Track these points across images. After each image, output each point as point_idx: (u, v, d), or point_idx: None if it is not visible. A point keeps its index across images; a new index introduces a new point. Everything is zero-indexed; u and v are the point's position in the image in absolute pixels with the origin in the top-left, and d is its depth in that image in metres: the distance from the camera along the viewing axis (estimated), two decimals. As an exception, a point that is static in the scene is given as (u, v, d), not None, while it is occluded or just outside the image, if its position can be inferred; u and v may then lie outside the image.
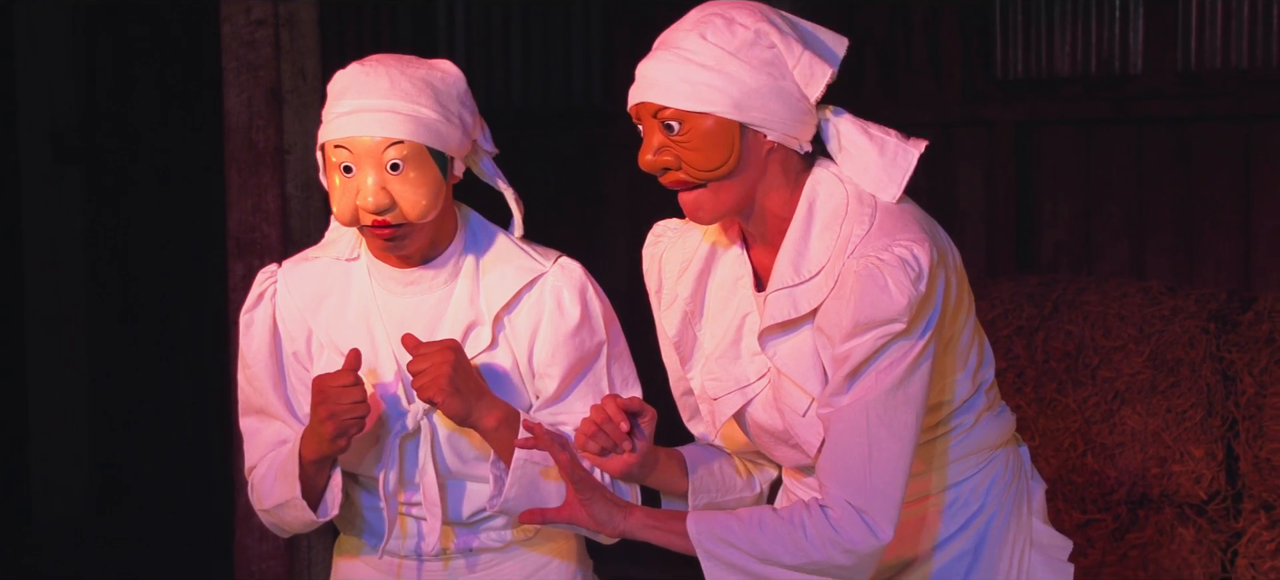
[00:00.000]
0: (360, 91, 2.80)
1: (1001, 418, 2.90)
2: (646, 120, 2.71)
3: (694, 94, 2.67)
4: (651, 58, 2.71)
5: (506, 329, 2.92)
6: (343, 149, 2.79)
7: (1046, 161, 6.40)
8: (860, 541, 2.63)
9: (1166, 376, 4.96)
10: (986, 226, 6.47)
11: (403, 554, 2.98)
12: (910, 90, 6.61)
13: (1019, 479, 2.92)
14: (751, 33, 2.70)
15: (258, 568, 4.97)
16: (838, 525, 2.63)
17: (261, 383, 2.97)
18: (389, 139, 2.78)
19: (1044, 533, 2.93)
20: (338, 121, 2.81)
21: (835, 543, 2.63)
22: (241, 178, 4.89)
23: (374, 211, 2.78)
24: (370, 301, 2.93)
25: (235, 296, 4.84)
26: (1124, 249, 6.28)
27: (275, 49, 4.82)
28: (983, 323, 5.22)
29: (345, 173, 2.80)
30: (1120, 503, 4.94)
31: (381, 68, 2.83)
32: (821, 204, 2.73)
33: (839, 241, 2.68)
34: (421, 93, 2.81)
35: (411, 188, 2.79)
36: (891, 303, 2.60)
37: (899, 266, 2.61)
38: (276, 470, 2.93)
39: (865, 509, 2.63)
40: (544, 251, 2.97)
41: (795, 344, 2.73)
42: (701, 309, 2.88)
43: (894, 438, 2.64)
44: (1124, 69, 6.33)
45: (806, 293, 2.69)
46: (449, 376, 2.77)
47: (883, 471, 2.63)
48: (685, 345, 2.89)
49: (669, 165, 2.70)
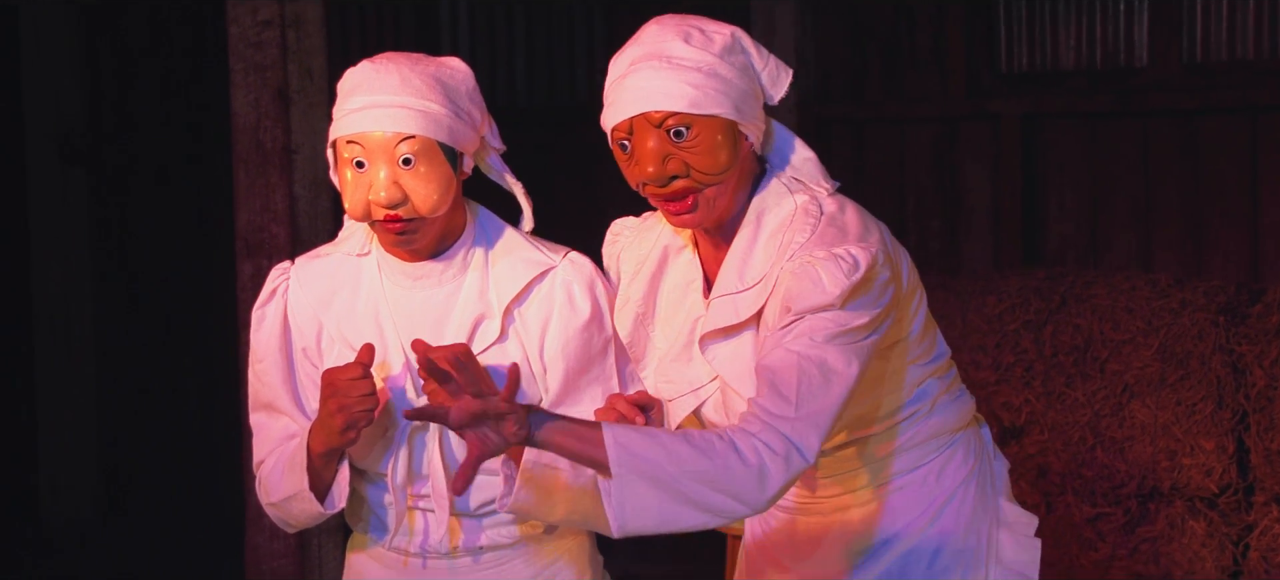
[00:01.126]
0: (372, 88, 2.82)
1: (960, 401, 2.94)
2: (643, 133, 2.72)
3: (702, 98, 2.70)
4: (639, 71, 2.72)
5: (516, 322, 2.93)
6: (355, 144, 2.81)
7: (1052, 155, 6.40)
8: (779, 472, 2.57)
9: (1176, 369, 4.96)
10: (992, 220, 6.47)
11: (410, 551, 2.99)
12: (915, 84, 6.61)
13: (981, 460, 2.95)
14: (728, 37, 2.76)
15: (269, 567, 4.97)
16: (763, 452, 2.57)
17: (271, 377, 2.98)
18: (401, 134, 2.80)
19: (1010, 511, 2.96)
20: (350, 117, 2.82)
21: (758, 472, 2.57)
22: (249, 178, 4.90)
23: (386, 206, 2.80)
24: (380, 296, 2.94)
25: (243, 296, 4.85)
26: (1131, 242, 6.27)
27: (282, 49, 4.83)
28: (990, 316, 5.25)
29: (357, 168, 2.82)
30: (1130, 496, 4.94)
31: (392, 65, 2.85)
32: (770, 214, 2.77)
33: (780, 249, 2.72)
34: (432, 89, 2.84)
35: (423, 182, 2.81)
36: (824, 294, 2.63)
37: (833, 261, 2.65)
38: (284, 464, 2.94)
39: (790, 431, 2.59)
40: (553, 246, 2.99)
41: (735, 348, 2.77)
42: (654, 311, 2.91)
43: (825, 375, 2.61)
44: (1129, 61, 6.33)
45: (748, 299, 2.73)
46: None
47: (810, 402, 2.60)
48: (638, 346, 2.92)
49: (678, 173, 2.72)
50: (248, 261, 4.90)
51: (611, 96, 2.76)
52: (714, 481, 2.54)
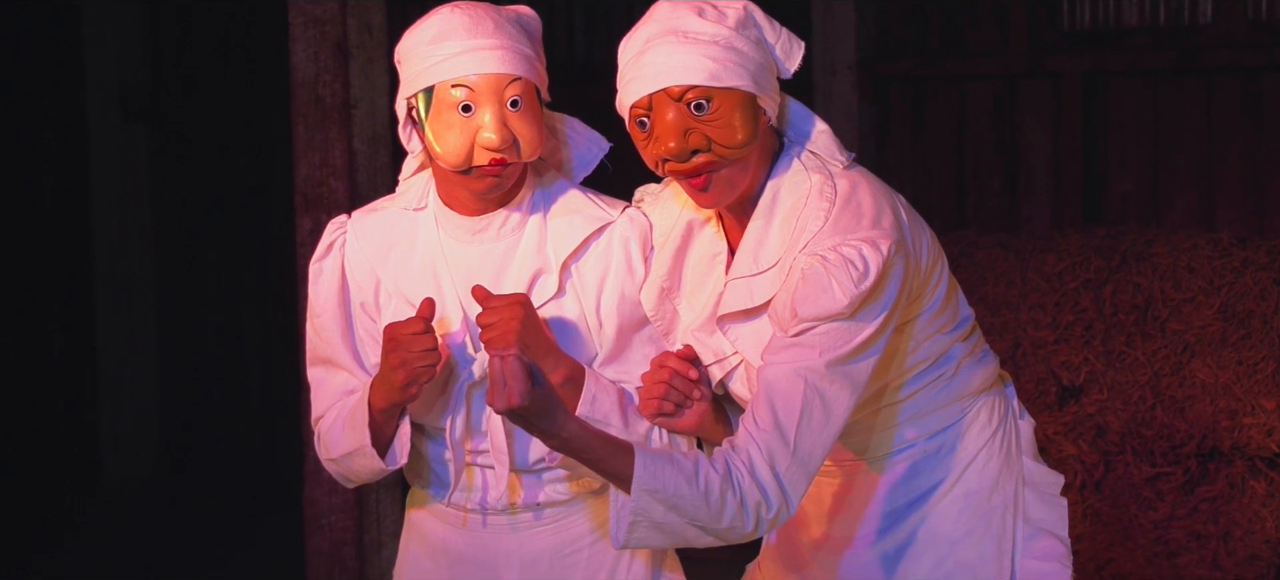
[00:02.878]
0: (471, 32, 2.81)
1: (983, 363, 2.94)
2: (662, 108, 2.72)
3: (722, 71, 2.71)
4: (656, 47, 2.73)
5: (573, 277, 2.93)
6: (462, 87, 2.80)
7: (1114, 113, 6.35)
8: (770, 511, 2.65)
9: (1237, 328, 4.93)
10: (1053, 178, 6.43)
11: (469, 507, 2.99)
12: (976, 41, 6.57)
13: (1006, 420, 2.96)
14: (741, 11, 2.77)
15: (327, 521, 5.00)
16: (759, 506, 2.64)
17: (329, 332, 2.98)
18: (510, 75, 2.80)
19: (1035, 470, 2.97)
20: (453, 61, 2.81)
21: (754, 520, 2.65)
22: (308, 132, 4.91)
23: (497, 149, 2.79)
24: (437, 250, 2.94)
25: (302, 251, 4.87)
26: (1192, 200, 6.23)
27: (341, 3, 4.83)
28: (1050, 275, 5.22)
29: (464, 112, 2.80)
30: (1190, 456, 4.91)
31: (481, 9, 2.86)
32: (785, 194, 2.78)
33: (795, 233, 2.73)
34: (522, 32, 2.86)
35: (528, 125, 2.82)
36: (833, 301, 2.64)
37: (843, 266, 2.65)
38: (345, 419, 2.94)
39: (784, 475, 2.65)
40: (611, 201, 2.98)
41: (755, 330, 2.78)
42: (679, 284, 2.91)
43: (826, 413, 2.66)
44: (1193, 19, 6.27)
45: (761, 284, 2.75)
46: (518, 331, 2.78)
47: (808, 442, 2.65)
48: (664, 319, 2.92)
49: (699, 147, 2.71)
50: (306, 216, 4.92)
51: (628, 75, 2.76)
52: (709, 525, 2.63)
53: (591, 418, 2.83)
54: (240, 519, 7.13)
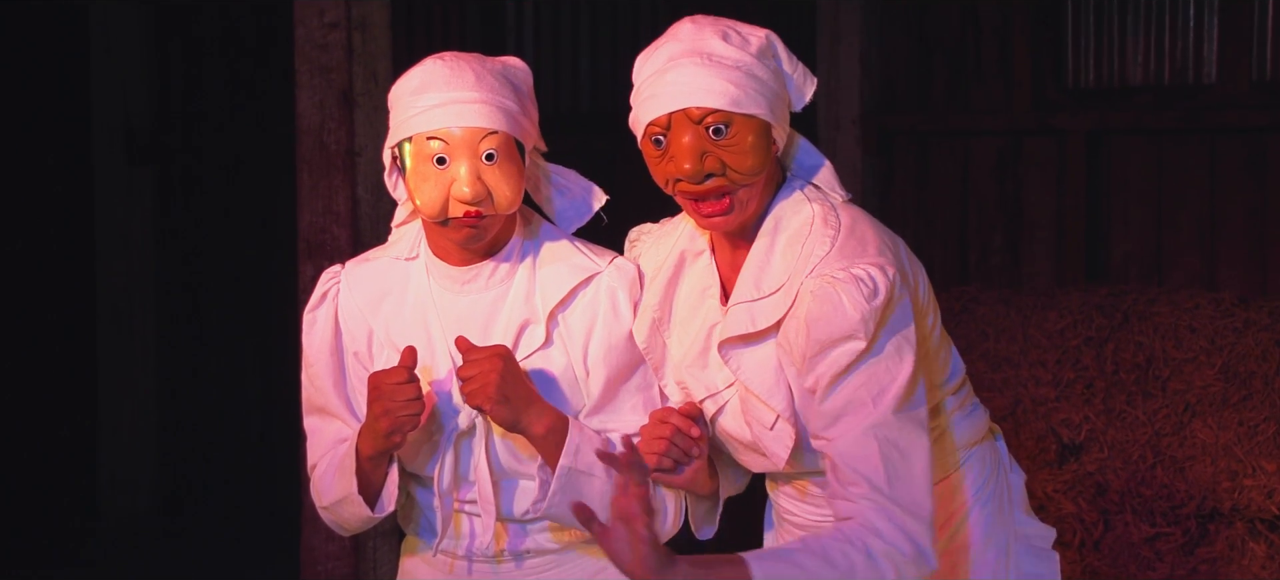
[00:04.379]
0: (449, 84, 2.83)
1: (973, 417, 2.94)
2: (681, 129, 2.71)
3: (744, 97, 2.70)
4: (680, 67, 2.72)
5: (561, 327, 2.93)
6: (437, 140, 2.81)
7: (1117, 171, 6.36)
8: (907, 560, 2.62)
9: (1239, 389, 4.92)
10: (1056, 236, 6.43)
11: (457, 554, 3.00)
12: (980, 98, 6.58)
13: (997, 473, 2.96)
14: (763, 39, 2.78)
15: (323, 568, 4.99)
16: (899, 562, 2.61)
17: (323, 381, 3.00)
18: (485, 129, 2.80)
19: (1027, 523, 2.97)
20: (430, 113, 2.82)
21: (903, 565, 2.62)
22: (313, 179, 4.92)
23: (470, 201, 2.79)
24: (427, 299, 2.95)
25: (304, 297, 4.85)
26: (1195, 260, 6.23)
27: (348, 52, 4.85)
28: (1052, 332, 5.22)
29: (438, 165, 2.81)
30: (1190, 517, 4.90)
31: (463, 62, 2.86)
32: (787, 221, 2.78)
33: (800, 260, 2.72)
34: (504, 86, 2.86)
35: (504, 179, 2.81)
36: (845, 318, 2.63)
37: (853, 284, 2.65)
38: (335, 467, 2.96)
39: (904, 526, 2.62)
40: (600, 251, 2.98)
41: (758, 358, 2.77)
42: (670, 316, 2.90)
43: (906, 459, 2.64)
44: (1197, 78, 6.28)
45: (764, 308, 2.73)
46: (497, 384, 2.79)
47: (905, 492, 2.63)
48: (654, 352, 2.91)
49: (714, 171, 2.71)
50: (309, 263, 4.93)
51: (649, 91, 2.76)
52: None
53: (574, 469, 2.83)
54: (237, 564, 7.11)
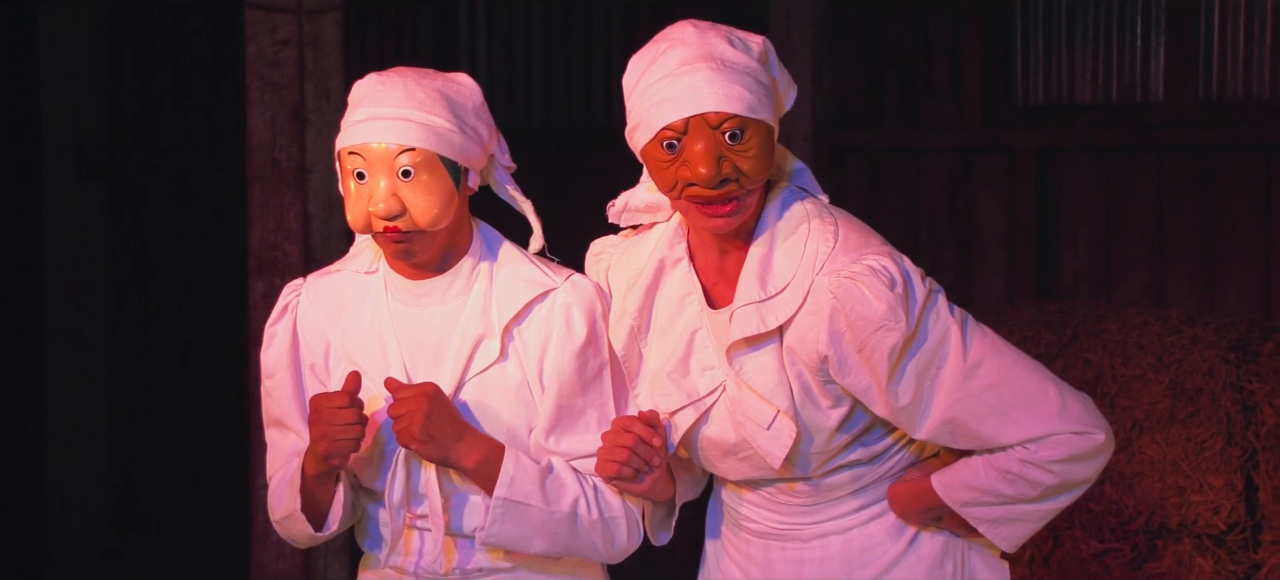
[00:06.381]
0: (376, 100, 2.85)
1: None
2: (697, 134, 2.71)
3: (758, 103, 2.72)
4: (696, 70, 2.71)
5: (516, 342, 2.94)
6: (356, 156, 2.84)
7: (1067, 188, 6.39)
8: (1087, 443, 2.76)
9: (1186, 406, 4.95)
10: (1006, 253, 6.46)
11: (407, 569, 3.00)
12: (931, 115, 6.61)
13: None
14: (761, 45, 2.79)
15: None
16: (1058, 453, 2.76)
17: (281, 394, 3.01)
18: (401, 145, 2.81)
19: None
20: (352, 129, 2.86)
21: (1074, 455, 2.76)
22: (264, 196, 4.91)
23: (385, 217, 2.82)
24: (384, 313, 2.96)
25: (256, 314, 4.86)
26: (1144, 277, 6.27)
27: (299, 68, 4.84)
28: (1002, 349, 5.23)
29: (359, 179, 2.84)
30: (1138, 532, 4.93)
31: (398, 78, 2.88)
32: (782, 222, 2.80)
33: (805, 257, 2.75)
34: (437, 103, 2.86)
35: (422, 195, 2.82)
36: (873, 309, 2.68)
37: (870, 274, 2.70)
38: (286, 483, 2.97)
39: (1060, 434, 2.76)
40: (557, 268, 2.99)
41: (762, 359, 2.78)
42: (648, 325, 2.91)
43: (1013, 376, 2.75)
44: (1145, 96, 6.32)
45: (773, 308, 2.75)
46: (422, 423, 2.81)
47: (1039, 405, 2.75)
48: (631, 361, 2.92)
49: (729, 176, 2.72)
50: (260, 279, 4.91)
51: (661, 94, 2.74)
52: (1072, 480, 2.84)
53: (510, 500, 2.85)
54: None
